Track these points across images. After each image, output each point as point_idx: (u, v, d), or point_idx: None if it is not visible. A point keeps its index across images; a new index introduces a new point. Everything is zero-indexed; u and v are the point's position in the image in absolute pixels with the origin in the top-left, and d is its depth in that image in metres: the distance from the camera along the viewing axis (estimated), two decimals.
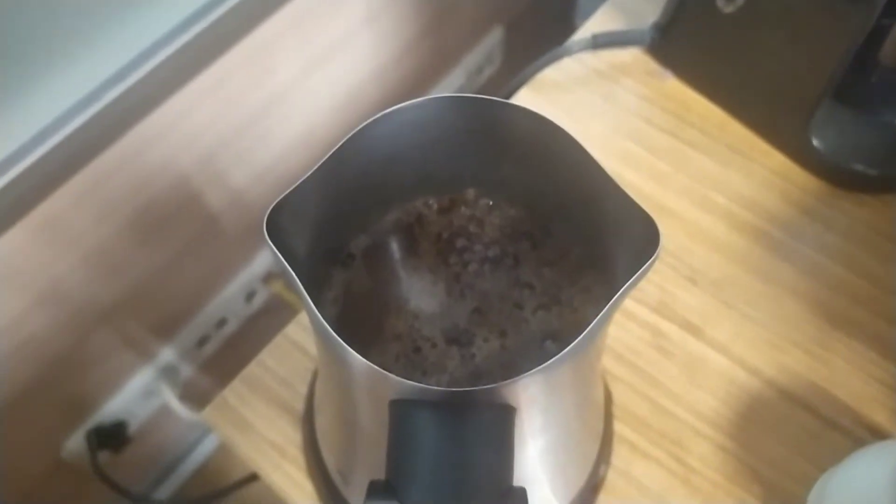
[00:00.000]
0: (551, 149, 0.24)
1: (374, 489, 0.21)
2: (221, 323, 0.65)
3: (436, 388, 0.20)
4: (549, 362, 0.19)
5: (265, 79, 0.53)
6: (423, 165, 0.27)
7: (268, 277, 0.67)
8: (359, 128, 0.23)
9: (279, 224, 0.22)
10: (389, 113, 0.23)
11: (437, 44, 0.70)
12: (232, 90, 0.51)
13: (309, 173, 0.22)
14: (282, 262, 0.20)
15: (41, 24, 0.38)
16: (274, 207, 0.21)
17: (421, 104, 0.24)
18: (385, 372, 0.20)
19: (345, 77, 0.61)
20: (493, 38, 0.77)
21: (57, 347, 0.51)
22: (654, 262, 0.20)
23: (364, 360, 0.20)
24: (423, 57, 0.69)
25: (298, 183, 0.22)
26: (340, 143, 0.22)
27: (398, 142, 0.25)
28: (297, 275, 0.21)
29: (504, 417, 0.21)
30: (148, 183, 0.49)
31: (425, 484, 0.21)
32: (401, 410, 0.22)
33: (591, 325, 0.19)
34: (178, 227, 0.55)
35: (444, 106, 0.24)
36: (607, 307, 0.20)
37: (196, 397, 0.64)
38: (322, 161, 0.22)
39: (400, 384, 0.21)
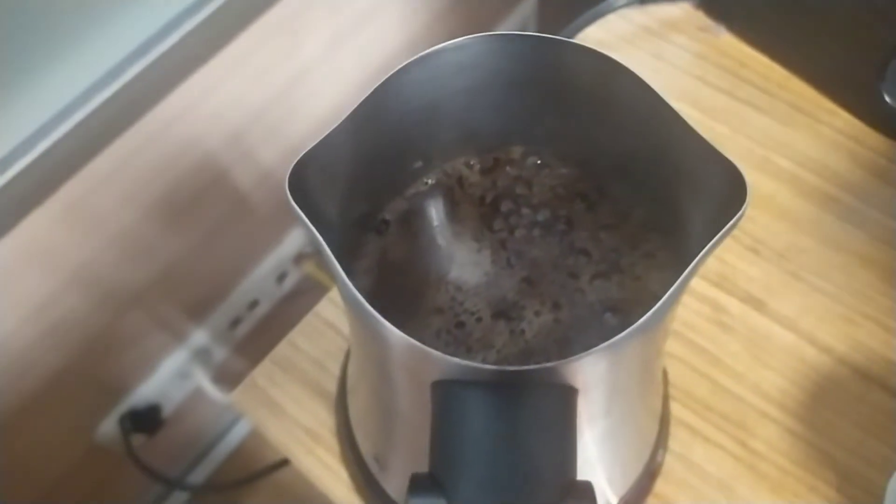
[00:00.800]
0: (613, 94, 0.21)
1: (417, 483, 0.18)
2: (253, 305, 0.64)
3: (487, 366, 0.18)
4: (620, 336, 0.17)
5: (292, 53, 0.52)
6: (464, 118, 0.24)
7: (299, 258, 0.66)
8: (394, 71, 0.20)
9: (305, 184, 0.19)
10: (428, 54, 0.20)
11: (468, 14, 0.67)
12: (258, 65, 0.49)
13: (338, 123, 0.19)
14: (306, 223, 0.18)
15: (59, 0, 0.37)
16: (298, 163, 0.19)
17: (463, 44, 0.21)
18: (427, 348, 0.18)
19: (374, 49, 0.59)
20: (526, 6, 0.74)
21: (88, 330, 0.51)
22: (742, 216, 0.17)
23: (403, 335, 0.18)
24: (454, 28, 0.66)
25: (326, 134, 0.19)
26: (373, 89, 0.20)
27: (437, 89, 0.22)
28: (325, 241, 0.18)
29: (566, 400, 0.18)
30: (174, 163, 0.48)
31: (476, 477, 0.18)
32: (446, 393, 0.19)
33: (673, 287, 0.16)
34: (207, 208, 0.54)
35: (490, 46, 0.21)
36: (690, 267, 0.17)
37: (230, 380, 0.63)
38: (353, 109, 0.20)
39: (445, 362, 0.18)
